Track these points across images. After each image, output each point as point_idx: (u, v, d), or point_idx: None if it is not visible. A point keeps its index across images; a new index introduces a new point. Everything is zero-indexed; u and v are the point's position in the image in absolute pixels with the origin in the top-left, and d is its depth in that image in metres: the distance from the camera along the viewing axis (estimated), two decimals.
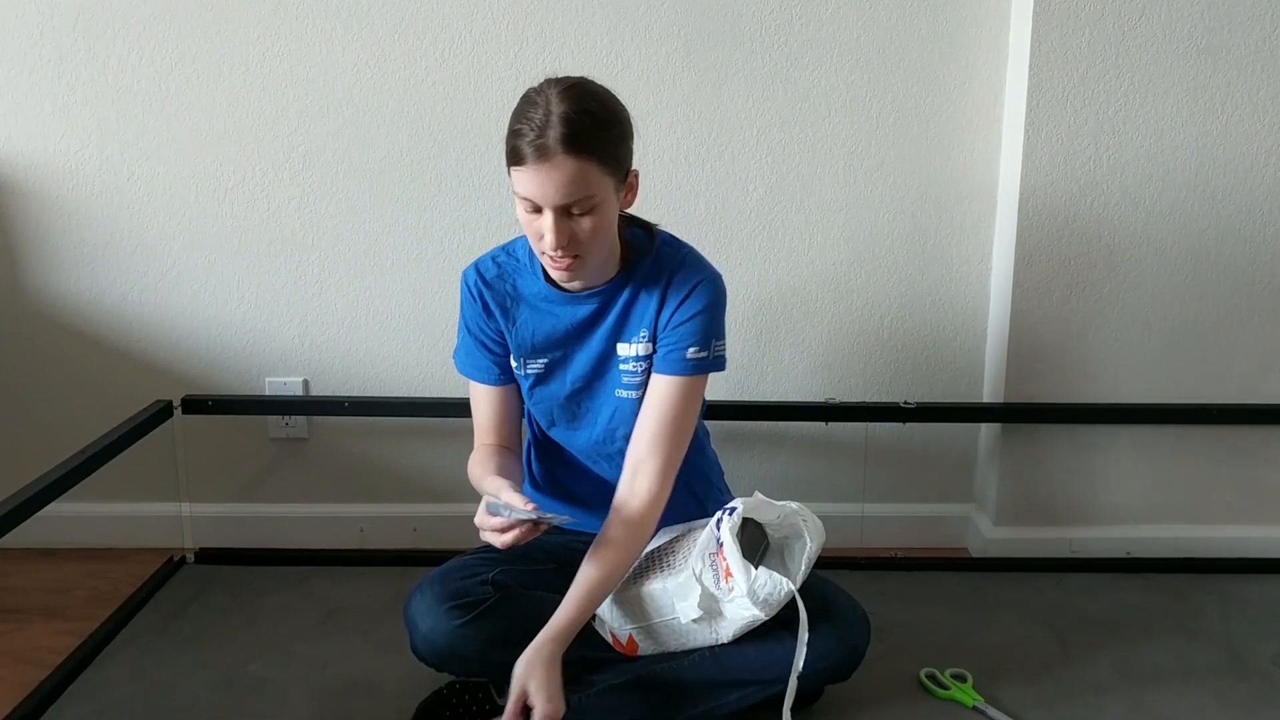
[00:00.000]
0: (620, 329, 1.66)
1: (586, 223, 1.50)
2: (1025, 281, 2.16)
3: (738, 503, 1.58)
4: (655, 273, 1.64)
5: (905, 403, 2.21)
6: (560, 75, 1.54)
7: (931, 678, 1.78)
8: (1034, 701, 1.73)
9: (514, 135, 1.49)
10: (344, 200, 2.20)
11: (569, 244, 1.51)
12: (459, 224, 2.21)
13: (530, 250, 1.66)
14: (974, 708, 1.72)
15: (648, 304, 1.64)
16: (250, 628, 1.95)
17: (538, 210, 1.50)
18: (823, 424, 2.25)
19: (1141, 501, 2.28)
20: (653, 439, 1.62)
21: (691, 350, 1.62)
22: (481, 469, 1.67)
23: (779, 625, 1.59)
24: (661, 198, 2.15)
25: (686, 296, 1.62)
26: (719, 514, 1.59)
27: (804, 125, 2.18)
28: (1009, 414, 2.24)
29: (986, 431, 2.32)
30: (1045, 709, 1.71)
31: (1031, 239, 2.14)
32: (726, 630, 1.58)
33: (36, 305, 2.24)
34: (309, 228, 2.21)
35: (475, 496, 2.28)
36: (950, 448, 2.35)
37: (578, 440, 1.73)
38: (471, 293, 1.71)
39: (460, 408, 2.20)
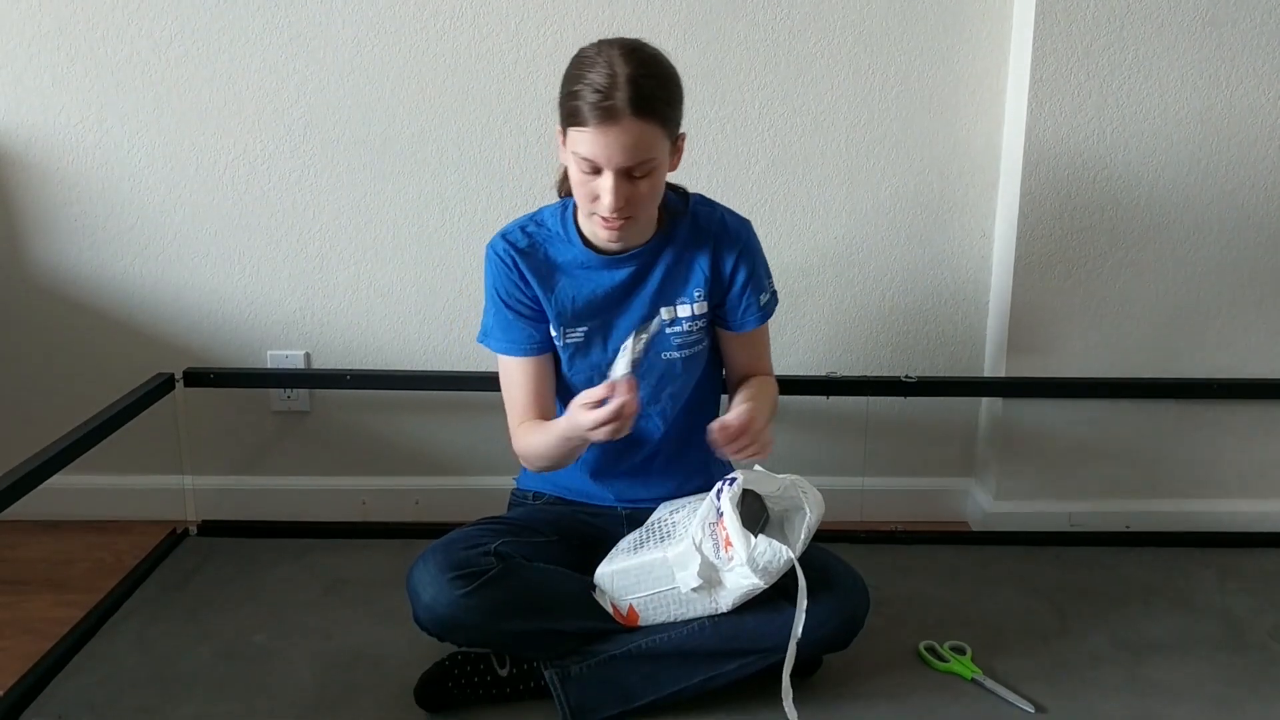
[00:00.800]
0: (665, 291, 1.68)
1: (644, 185, 1.54)
2: (1027, 256, 2.16)
3: (737, 474, 1.59)
4: (696, 233, 1.68)
5: (906, 377, 2.21)
6: (610, 37, 1.55)
7: (931, 650, 1.79)
8: (1033, 674, 1.74)
9: (574, 96, 1.49)
10: (345, 173, 2.19)
11: (625, 205, 1.53)
12: (461, 196, 2.20)
13: (561, 218, 1.68)
14: (973, 680, 1.72)
15: (697, 264, 1.69)
16: (253, 599, 1.96)
17: (596, 171, 1.52)
18: (824, 398, 2.25)
19: (1141, 475, 2.29)
20: (767, 368, 1.81)
21: (762, 298, 1.74)
22: (540, 429, 1.66)
23: (778, 595, 1.60)
24: None
25: (740, 253, 1.70)
26: (719, 485, 1.60)
27: (806, 98, 2.17)
28: (1010, 388, 2.24)
29: (987, 405, 2.32)
30: (1044, 681, 1.72)
31: (1034, 213, 2.14)
32: (726, 599, 1.59)
33: (38, 278, 2.24)
34: (310, 200, 2.21)
35: (476, 468, 2.31)
36: (951, 422, 2.35)
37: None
38: (505, 261, 1.68)
39: (460, 381, 2.22)
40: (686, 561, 1.57)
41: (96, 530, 2.29)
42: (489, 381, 2.22)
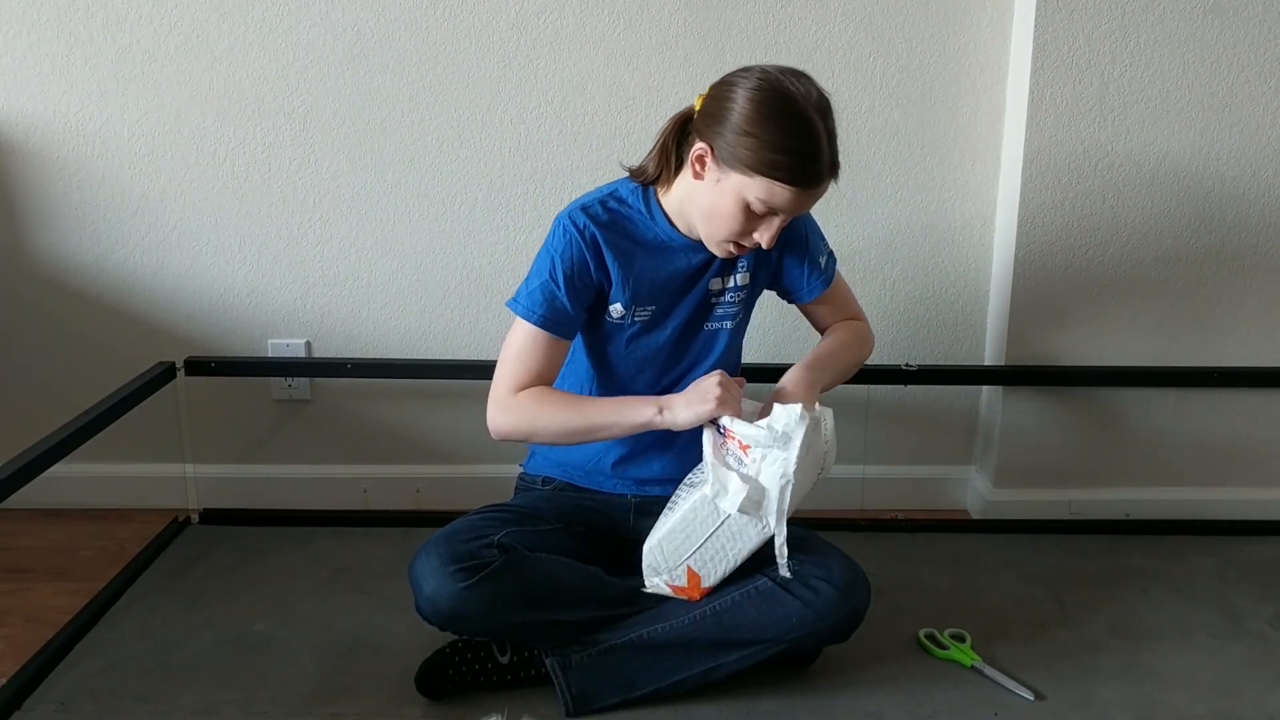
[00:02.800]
0: (722, 266, 1.70)
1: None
2: (1028, 244, 2.16)
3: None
4: None
5: (907, 365, 2.21)
6: (783, 67, 1.54)
7: (930, 638, 1.80)
8: (1032, 661, 1.75)
9: (785, 151, 1.47)
10: (346, 160, 2.19)
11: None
12: (461, 184, 2.20)
13: (644, 198, 1.67)
14: (972, 667, 1.73)
15: None
16: (255, 587, 1.97)
17: (767, 214, 1.54)
18: None
19: (1141, 464, 2.29)
20: (854, 315, 1.86)
21: (822, 260, 1.77)
22: (563, 401, 1.66)
23: (780, 586, 1.60)
24: None
25: (790, 227, 1.66)
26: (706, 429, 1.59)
27: None
28: (1010, 376, 2.24)
29: (988, 394, 2.32)
30: (1043, 669, 1.73)
31: (1035, 201, 2.13)
32: (771, 509, 1.53)
33: (38, 267, 2.24)
34: (311, 188, 2.20)
35: (477, 457, 2.32)
36: (951, 410, 2.35)
37: (659, 382, 1.74)
38: (584, 236, 1.62)
39: (462, 369, 2.23)
40: (725, 484, 1.53)
41: (98, 519, 2.29)
42: (491, 369, 2.23)
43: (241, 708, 1.63)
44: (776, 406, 1.54)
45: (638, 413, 1.60)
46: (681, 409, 1.57)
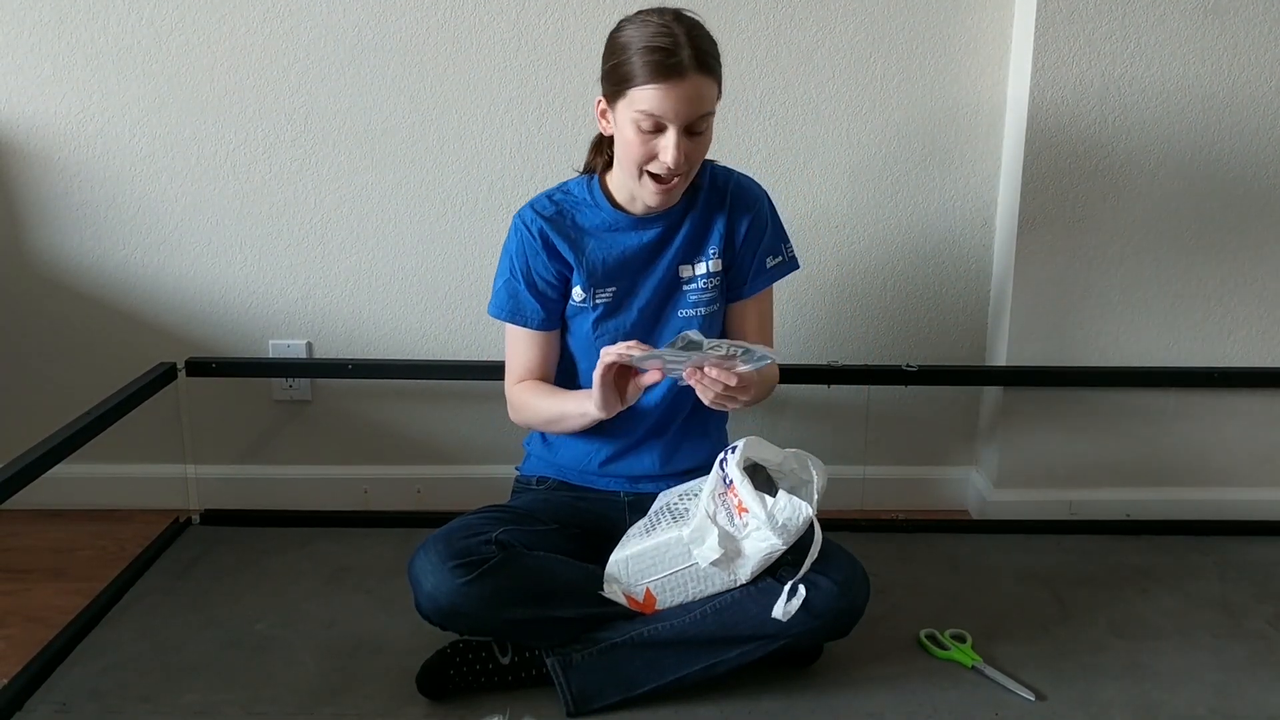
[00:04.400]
0: (686, 250, 1.74)
1: (701, 140, 1.61)
2: (1029, 245, 2.16)
3: (739, 443, 1.61)
4: (715, 194, 1.75)
5: (907, 366, 2.21)
6: (646, 8, 1.62)
7: (931, 638, 1.80)
8: (1033, 661, 1.75)
9: (635, 56, 1.54)
10: (346, 162, 2.19)
11: (684, 160, 1.59)
12: (461, 186, 2.20)
13: (588, 186, 1.75)
14: (973, 668, 1.73)
15: (714, 224, 1.75)
16: (256, 587, 1.97)
17: (657, 129, 1.57)
18: (825, 387, 2.25)
19: (1142, 464, 2.29)
20: (768, 342, 1.84)
21: (769, 260, 1.79)
22: (544, 392, 1.76)
23: (779, 583, 1.60)
24: None
25: (753, 216, 1.76)
26: (722, 455, 1.62)
27: (807, 87, 2.17)
28: (1011, 377, 2.24)
29: (988, 394, 2.32)
30: (1044, 669, 1.73)
31: (1035, 202, 2.14)
32: (745, 568, 1.59)
33: (39, 268, 2.24)
34: (311, 190, 2.21)
35: (477, 458, 2.32)
36: (952, 410, 2.36)
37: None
38: (531, 232, 1.72)
39: (462, 370, 2.23)
40: (703, 535, 1.57)
41: (100, 519, 2.29)
42: (490, 370, 2.23)
43: (243, 708, 1.63)
44: (783, 495, 1.56)
45: (580, 404, 1.68)
46: (597, 393, 1.62)
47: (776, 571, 1.62)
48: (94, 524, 2.27)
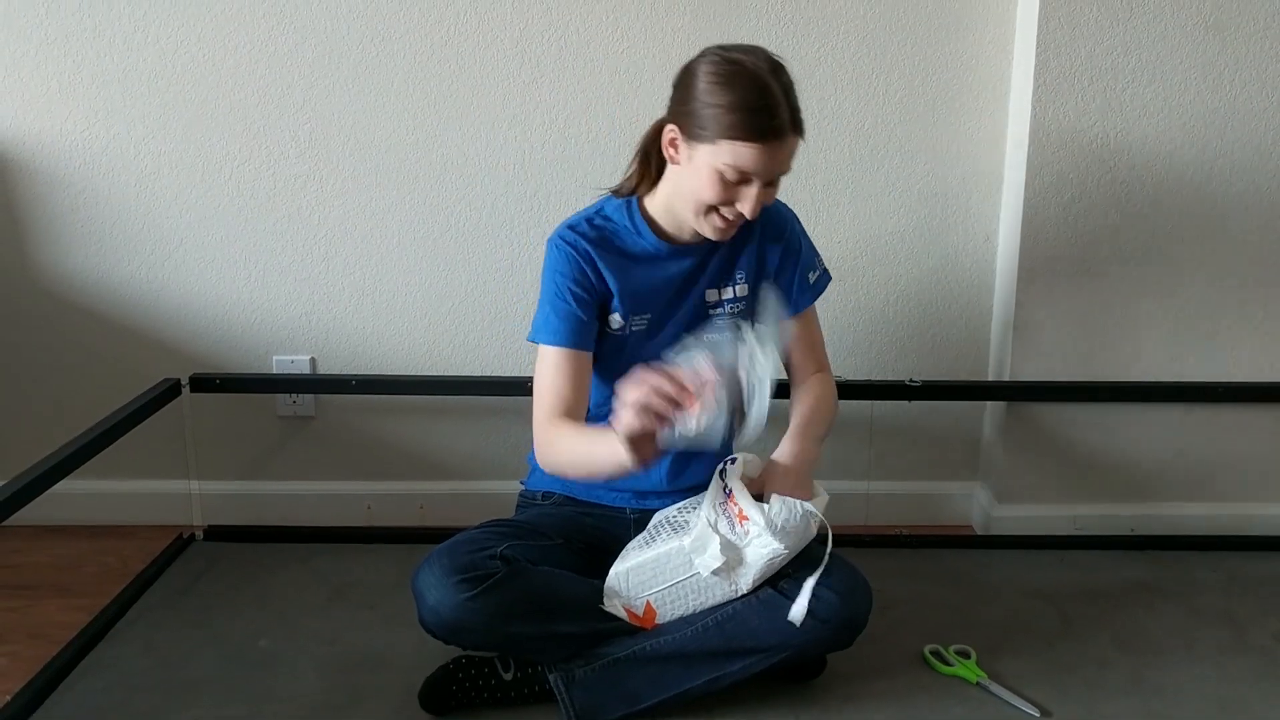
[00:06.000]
0: (715, 276, 1.74)
1: (773, 189, 1.62)
2: (1031, 260, 2.16)
3: (737, 455, 1.63)
4: (747, 220, 1.70)
5: (911, 380, 2.21)
6: (739, 44, 1.60)
7: (935, 654, 1.79)
8: (1037, 677, 1.74)
9: (741, 111, 1.52)
10: (350, 178, 2.20)
11: (759, 211, 1.60)
12: (465, 201, 2.21)
13: (627, 212, 1.71)
14: (977, 683, 1.73)
15: (744, 250, 1.75)
16: (259, 603, 1.97)
17: (743, 181, 1.56)
18: None
19: (1146, 479, 2.29)
20: (820, 358, 1.85)
21: (810, 276, 1.81)
22: (575, 431, 1.63)
23: (781, 594, 1.60)
24: None
25: (785, 241, 1.77)
26: (721, 465, 1.63)
27: (809, 102, 2.13)
28: (1014, 392, 2.24)
29: (991, 409, 2.32)
30: (1049, 684, 1.72)
31: (1038, 217, 2.14)
32: (746, 577, 1.59)
33: (44, 284, 2.25)
34: (315, 206, 2.21)
35: (480, 473, 2.32)
36: (955, 425, 2.35)
37: None
38: (578, 252, 1.68)
39: (465, 385, 2.23)
40: (705, 544, 1.57)
41: (103, 535, 2.29)
42: (494, 386, 2.24)
43: None
44: (776, 499, 1.57)
45: (611, 446, 1.49)
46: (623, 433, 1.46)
47: (778, 583, 1.62)
48: (97, 540, 2.27)
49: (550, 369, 1.67)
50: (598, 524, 1.79)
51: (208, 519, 2.28)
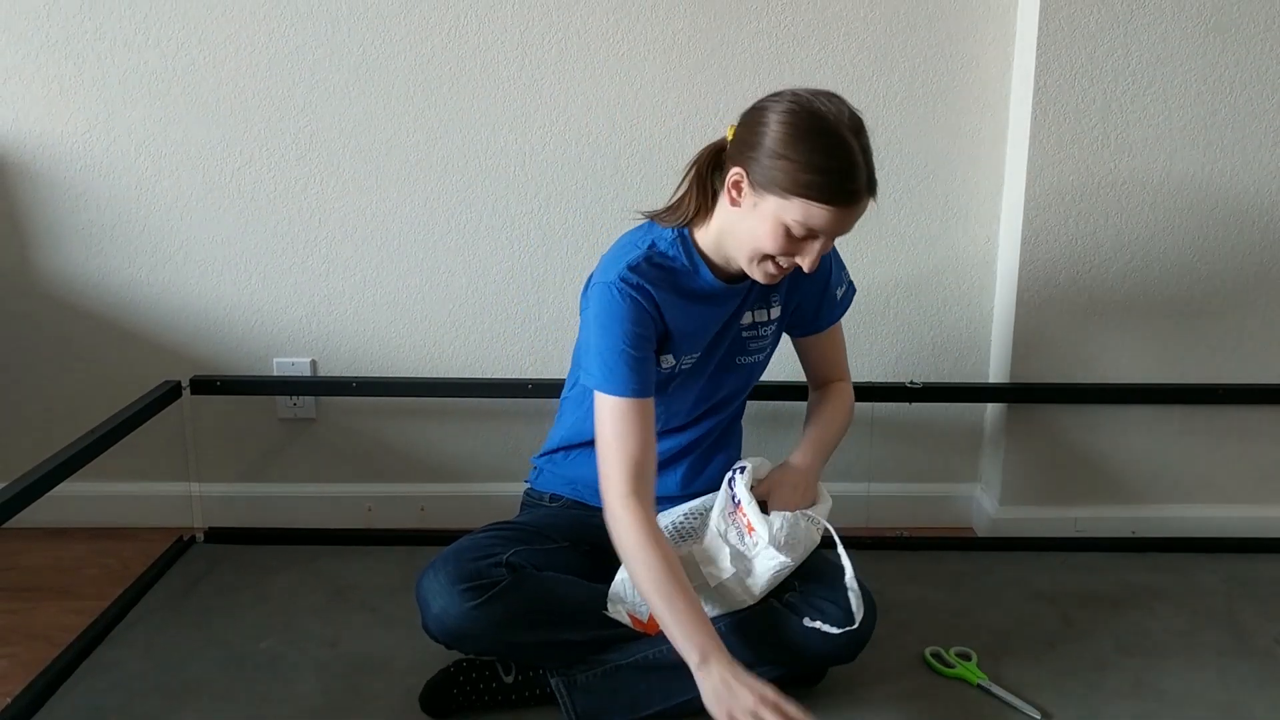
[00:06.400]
0: (755, 301, 1.70)
1: (830, 242, 1.55)
2: (1031, 261, 2.16)
3: (746, 461, 1.64)
4: None
5: (911, 382, 2.21)
6: (815, 90, 1.52)
7: (936, 656, 1.79)
8: (1039, 679, 1.74)
9: (821, 171, 1.45)
10: (351, 181, 2.20)
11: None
12: (466, 204, 2.21)
13: (684, 249, 1.62)
14: (978, 685, 1.72)
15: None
16: (260, 606, 1.96)
17: (809, 237, 1.50)
18: None
19: (1147, 481, 2.29)
20: (843, 368, 1.84)
21: (839, 291, 1.77)
22: (672, 582, 1.50)
23: (785, 608, 1.60)
24: (665, 178, 2.13)
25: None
26: (730, 474, 1.63)
27: None
28: (1015, 394, 2.24)
29: (992, 411, 2.32)
30: (1050, 687, 1.72)
31: (1038, 219, 2.14)
32: (757, 584, 1.58)
33: (45, 286, 2.25)
34: (316, 208, 2.21)
35: (482, 475, 2.32)
36: (956, 427, 2.35)
37: (693, 412, 1.75)
38: (640, 299, 1.57)
39: (466, 387, 2.23)
40: (715, 555, 1.58)
41: (103, 537, 2.29)
42: (495, 388, 2.24)
43: None
44: (776, 515, 1.58)
45: (683, 649, 1.48)
46: (710, 689, 1.45)
47: (784, 597, 1.62)
48: (98, 542, 2.27)
49: (617, 421, 1.57)
50: (604, 527, 1.77)
51: (208, 521, 2.28)
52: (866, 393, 2.22)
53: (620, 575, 1.64)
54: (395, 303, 2.27)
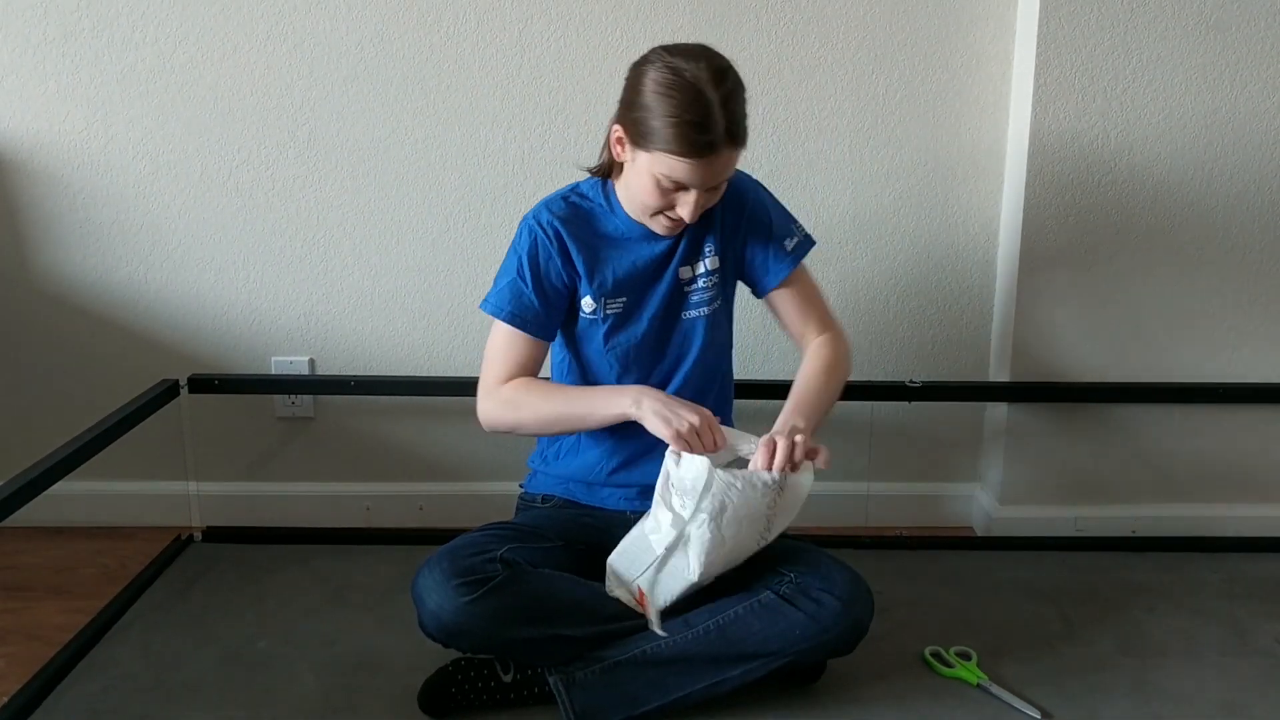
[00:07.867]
0: (687, 253, 1.73)
1: (715, 194, 1.61)
2: (1031, 260, 2.16)
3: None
4: None
5: (911, 381, 2.20)
6: (682, 45, 1.59)
7: (936, 655, 1.79)
8: (1038, 679, 1.74)
9: (672, 123, 1.51)
10: (349, 179, 2.19)
11: (699, 216, 1.60)
12: (464, 202, 2.21)
13: (603, 191, 1.72)
14: (978, 685, 1.72)
15: (711, 223, 1.73)
16: (257, 605, 1.96)
17: (679, 189, 1.57)
18: None
19: (1147, 480, 2.28)
20: (821, 320, 1.80)
21: (787, 243, 1.76)
22: (536, 387, 1.69)
23: (783, 599, 1.60)
24: None
25: (748, 207, 1.75)
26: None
27: (809, 103, 2.17)
28: (1015, 393, 2.24)
29: (992, 410, 2.32)
30: (1050, 686, 1.72)
31: (1038, 217, 2.14)
32: (694, 556, 1.55)
33: (42, 285, 2.24)
34: (314, 206, 2.21)
35: (480, 475, 2.31)
36: (956, 426, 2.35)
37: (647, 380, 1.74)
38: (547, 233, 1.68)
39: (465, 386, 2.21)
40: (659, 523, 1.58)
41: (101, 536, 2.29)
42: None
43: None
44: (685, 457, 1.56)
45: (613, 402, 1.63)
46: (650, 413, 1.58)
47: (779, 588, 1.62)
48: (95, 541, 2.27)
49: (499, 342, 1.71)
50: (598, 525, 1.78)
51: (206, 520, 2.28)
52: (866, 391, 2.22)
53: (610, 557, 1.65)
54: (394, 301, 2.26)
